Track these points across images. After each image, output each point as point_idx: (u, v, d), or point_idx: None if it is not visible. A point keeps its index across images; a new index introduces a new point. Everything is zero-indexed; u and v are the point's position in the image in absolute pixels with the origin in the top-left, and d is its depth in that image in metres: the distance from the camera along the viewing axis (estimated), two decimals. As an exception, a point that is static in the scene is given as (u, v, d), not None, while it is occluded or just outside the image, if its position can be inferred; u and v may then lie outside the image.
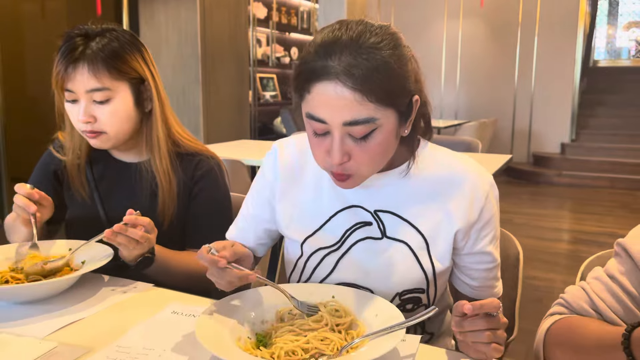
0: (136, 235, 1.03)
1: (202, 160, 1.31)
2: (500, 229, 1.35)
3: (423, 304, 1.01)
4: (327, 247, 1.01)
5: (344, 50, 0.80)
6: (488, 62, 7.72)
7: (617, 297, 0.78)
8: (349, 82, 0.79)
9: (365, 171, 0.89)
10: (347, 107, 0.81)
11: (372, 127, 0.84)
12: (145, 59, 1.26)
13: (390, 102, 0.83)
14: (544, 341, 0.82)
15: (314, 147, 0.89)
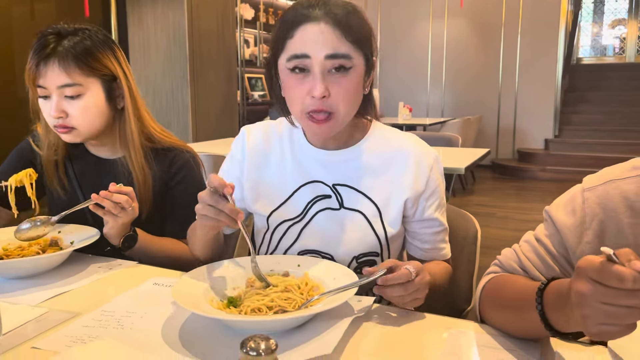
0: (121, 199, 1.12)
1: (177, 155, 1.37)
2: (461, 210, 1.47)
3: None
4: (291, 219, 1.12)
5: (322, 4, 0.98)
6: (473, 60, 7.86)
7: (541, 257, 0.88)
8: (331, 22, 0.96)
9: (342, 109, 1.00)
10: (329, 41, 0.96)
11: (349, 65, 0.97)
12: (118, 58, 1.31)
13: (361, 46, 0.99)
14: (480, 298, 0.93)
15: (294, 91, 1.00)
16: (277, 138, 1.16)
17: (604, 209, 0.83)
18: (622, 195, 0.82)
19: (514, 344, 0.83)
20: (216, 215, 0.90)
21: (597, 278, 0.61)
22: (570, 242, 0.85)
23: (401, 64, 8.19)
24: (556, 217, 0.87)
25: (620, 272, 0.58)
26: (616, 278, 0.59)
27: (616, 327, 0.61)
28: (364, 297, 0.97)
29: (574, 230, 0.85)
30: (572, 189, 0.89)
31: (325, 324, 0.85)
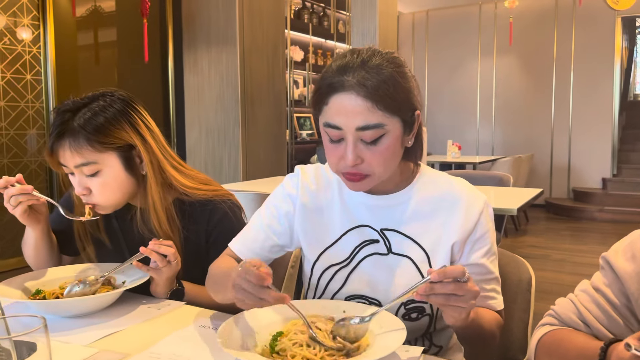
0: (169, 251, 1.15)
1: (214, 208, 1.33)
2: (514, 255, 1.42)
3: (427, 313, 1.09)
4: (338, 263, 1.11)
5: (357, 68, 0.95)
6: (524, 97, 7.73)
7: (602, 307, 0.83)
8: (362, 92, 0.94)
9: (377, 172, 1.00)
10: (360, 114, 0.94)
11: (381, 133, 0.96)
12: (136, 124, 1.27)
13: (396, 111, 0.96)
14: (535, 351, 0.88)
15: (330, 153, 1.01)
16: (327, 181, 1.17)
17: None
18: None
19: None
20: (257, 303, 0.86)
21: None
22: (633, 289, 0.81)
23: (450, 102, 8.15)
24: (616, 264, 0.83)
25: None
26: None
27: None
28: (412, 347, 0.94)
29: (635, 277, 0.81)
30: (632, 234, 0.85)
31: (371, 375, 0.83)
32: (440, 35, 8.18)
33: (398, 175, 1.10)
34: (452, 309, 0.86)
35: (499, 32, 7.63)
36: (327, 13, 6.76)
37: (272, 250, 1.19)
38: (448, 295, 0.84)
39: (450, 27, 8.11)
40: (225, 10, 4.21)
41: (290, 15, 5.95)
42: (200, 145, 4.43)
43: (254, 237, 1.18)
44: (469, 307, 0.87)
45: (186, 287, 1.26)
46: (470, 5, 7.93)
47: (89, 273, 1.31)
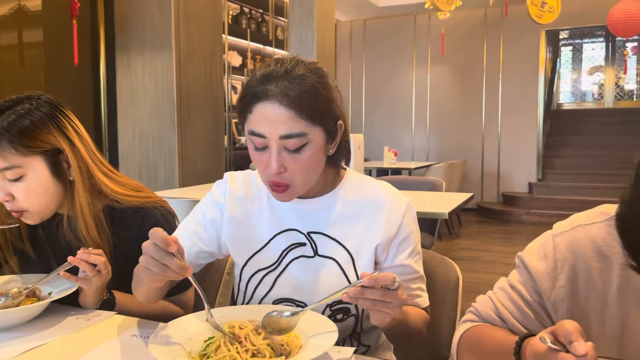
0: (99, 260, 1.12)
1: (146, 215, 1.31)
2: (443, 257, 1.48)
3: (352, 314, 1.13)
4: (265, 267, 1.14)
5: (280, 78, 0.97)
6: (456, 105, 8.04)
7: (516, 304, 0.89)
8: (285, 101, 0.96)
9: (299, 181, 1.03)
10: (283, 123, 0.96)
11: (304, 141, 0.99)
12: (63, 128, 1.23)
13: (318, 120, 0.99)
14: (457, 347, 0.93)
15: (256, 162, 1.03)
16: (255, 187, 1.19)
17: (573, 254, 0.85)
18: (591, 240, 0.84)
19: (492, 395, 0.83)
20: (161, 271, 0.89)
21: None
22: (544, 287, 0.87)
23: (387, 109, 8.34)
24: (529, 263, 0.89)
25: None
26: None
27: None
28: (343, 348, 0.97)
29: (547, 276, 0.86)
30: (543, 235, 0.91)
31: (304, 376, 0.85)
32: (377, 44, 8.37)
33: (324, 179, 1.13)
34: (378, 313, 0.90)
35: (433, 42, 7.90)
36: (265, 19, 6.76)
37: (199, 257, 1.19)
38: (376, 300, 0.88)
39: (386, 36, 8.32)
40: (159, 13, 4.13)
41: (227, 21, 5.91)
42: (134, 151, 4.31)
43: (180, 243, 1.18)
44: (394, 314, 0.91)
45: (117, 296, 1.23)
46: (406, 15, 8.17)
47: (12, 285, 1.25)
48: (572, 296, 0.85)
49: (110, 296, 1.21)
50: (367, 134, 8.16)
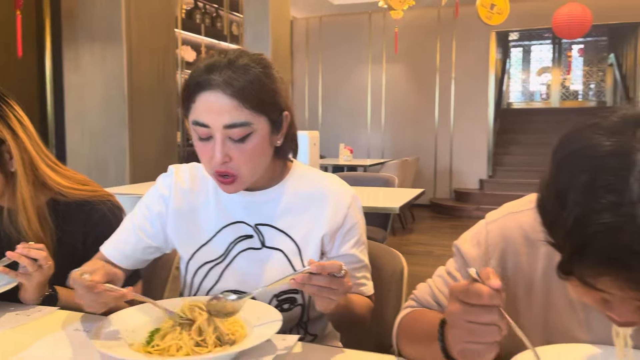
0: (40, 255, 1.09)
1: (92, 209, 1.30)
2: (389, 248, 1.52)
3: (299, 303, 1.15)
4: (212, 260, 1.14)
5: (224, 68, 0.98)
6: (411, 104, 8.18)
7: (452, 290, 0.93)
8: (228, 91, 0.97)
9: (245, 172, 1.03)
10: (227, 112, 0.97)
11: (248, 131, 1.00)
12: (5, 117, 1.21)
13: (262, 110, 1.00)
14: (397, 333, 0.96)
15: (201, 153, 1.04)
16: (203, 180, 1.18)
17: (504, 239, 0.90)
18: (519, 226, 0.89)
19: (428, 375, 0.86)
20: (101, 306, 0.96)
21: (462, 297, 0.67)
22: None
23: (343, 106, 8.41)
24: (464, 250, 0.93)
25: (478, 289, 0.66)
26: (476, 295, 0.65)
27: (479, 346, 0.67)
28: (288, 336, 0.99)
29: (479, 260, 0.91)
30: (478, 224, 0.96)
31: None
32: (333, 42, 8.42)
33: (271, 171, 1.14)
34: (323, 299, 0.93)
35: (388, 41, 8.02)
36: (220, 14, 6.70)
37: (145, 252, 1.18)
38: (322, 287, 0.90)
39: (343, 34, 8.38)
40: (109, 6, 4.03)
41: (181, 15, 5.82)
42: (83, 147, 4.20)
43: (126, 239, 1.18)
44: (338, 300, 0.93)
45: (60, 291, 1.20)
46: (361, 13, 8.25)
47: (-52, 281, 1.21)
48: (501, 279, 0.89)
49: (52, 291, 1.19)
50: (323, 131, 8.21)
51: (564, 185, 0.62)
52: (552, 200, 0.64)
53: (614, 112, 0.65)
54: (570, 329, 0.84)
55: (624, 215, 0.56)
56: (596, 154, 0.61)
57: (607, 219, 0.57)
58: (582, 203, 0.59)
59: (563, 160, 0.65)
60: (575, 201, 0.60)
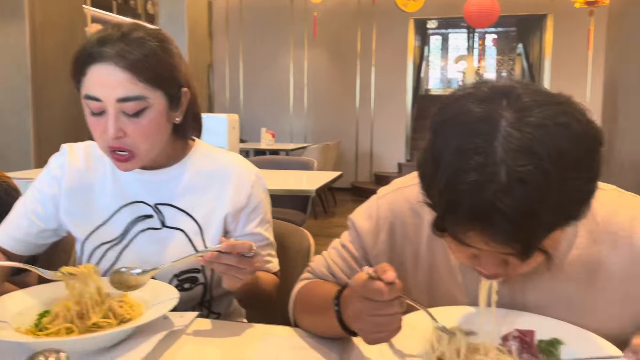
0: None
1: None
2: (296, 227, 1.55)
3: (201, 282, 1.15)
4: (109, 241, 1.11)
5: (117, 40, 0.96)
6: (332, 88, 8.26)
7: (346, 260, 0.97)
8: (121, 63, 0.95)
9: (142, 148, 1.01)
10: (120, 85, 0.95)
11: (143, 105, 0.98)
12: None
13: (158, 85, 0.99)
14: (293, 304, 0.99)
15: (93, 128, 1.01)
16: (99, 159, 1.15)
17: (393, 212, 0.95)
18: (407, 200, 0.94)
19: (320, 343, 0.90)
20: None
21: (364, 294, 0.72)
22: (369, 243, 0.96)
23: (265, 91, 8.36)
24: (357, 223, 0.98)
25: (378, 287, 0.70)
26: (376, 293, 0.70)
27: (385, 333, 0.73)
28: (186, 313, 0.99)
29: (370, 233, 0.96)
30: (370, 199, 1.00)
31: (140, 339, 0.86)
32: (255, 25, 8.31)
33: (171, 149, 1.12)
34: (230, 277, 0.94)
35: (310, 26, 8.03)
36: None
37: (40, 236, 1.14)
38: (230, 266, 0.91)
39: (264, 17, 8.29)
40: (9, -22, 3.76)
41: (91, -9, 5.53)
42: (-18, 130, 3.91)
43: (17, 224, 1.13)
44: (246, 279, 0.95)
45: None
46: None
47: None
48: (391, 249, 0.94)
49: None
50: (245, 115, 8.13)
51: (439, 149, 0.68)
52: (429, 164, 0.70)
53: (486, 84, 0.72)
54: (451, 292, 0.91)
55: (489, 175, 0.63)
56: (467, 120, 0.67)
57: (474, 177, 0.63)
58: (454, 164, 0.65)
59: (439, 126, 0.71)
60: (448, 162, 0.66)
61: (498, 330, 0.84)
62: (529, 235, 0.64)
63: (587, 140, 0.66)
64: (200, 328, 0.97)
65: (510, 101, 0.66)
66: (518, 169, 0.62)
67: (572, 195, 0.65)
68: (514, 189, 0.62)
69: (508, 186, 0.62)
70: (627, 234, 0.82)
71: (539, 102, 0.66)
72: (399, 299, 0.71)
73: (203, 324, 0.99)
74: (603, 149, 0.68)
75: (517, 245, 0.65)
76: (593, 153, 0.66)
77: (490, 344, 0.81)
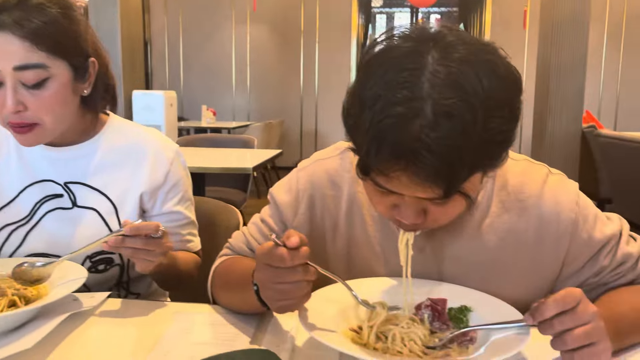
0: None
1: None
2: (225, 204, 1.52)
3: (117, 263, 1.11)
4: (14, 222, 1.05)
5: (13, 8, 0.91)
6: (276, 66, 8.16)
7: (265, 236, 0.96)
8: (19, 32, 0.89)
9: (47, 122, 0.96)
10: (17, 54, 0.90)
11: (44, 75, 0.92)
12: None
13: (61, 54, 0.94)
14: (211, 281, 0.97)
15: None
16: (3, 136, 1.08)
17: (312, 185, 0.94)
18: (326, 171, 0.94)
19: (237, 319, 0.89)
20: None
21: (268, 262, 0.70)
22: (288, 216, 0.95)
23: (206, 67, 8.14)
24: (277, 197, 0.96)
25: (281, 253, 0.69)
26: (279, 259, 0.69)
27: (290, 301, 0.72)
28: (97, 293, 0.95)
29: (290, 206, 0.95)
30: (293, 171, 0.99)
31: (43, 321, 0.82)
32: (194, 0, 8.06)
33: (81, 124, 1.07)
34: (140, 261, 0.90)
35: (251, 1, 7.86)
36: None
37: None
38: (138, 249, 0.87)
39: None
40: None
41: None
42: None
43: None
44: (157, 261, 0.92)
45: None
46: (223, -29, 7.98)
47: None
48: (310, 222, 0.94)
49: None
50: (185, 93, 7.93)
51: (365, 87, 0.68)
52: (356, 105, 0.69)
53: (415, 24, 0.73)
54: (370, 263, 0.91)
55: (415, 109, 0.63)
56: (394, 56, 0.68)
57: (400, 111, 0.64)
58: (380, 99, 0.65)
59: (367, 64, 0.70)
60: (374, 98, 0.66)
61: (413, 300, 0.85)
62: (452, 173, 0.65)
63: (510, 82, 0.68)
64: (111, 308, 0.93)
65: (437, 41, 0.67)
66: (444, 103, 0.63)
67: (495, 136, 0.66)
68: (440, 123, 0.63)
69: (434, 120, 0.63)
70: (535, 202, 0.85)
71: (464, 41, 0.68)
72: (304, 267, 0.70)
73: (114, 304, 0.95)
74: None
75: (440, 183, 0.66)
76: (514, 95, 0.69)
77: (403, 314, 0.82)
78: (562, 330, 0.65)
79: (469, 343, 0.75)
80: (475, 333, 0.76)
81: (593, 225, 0.84)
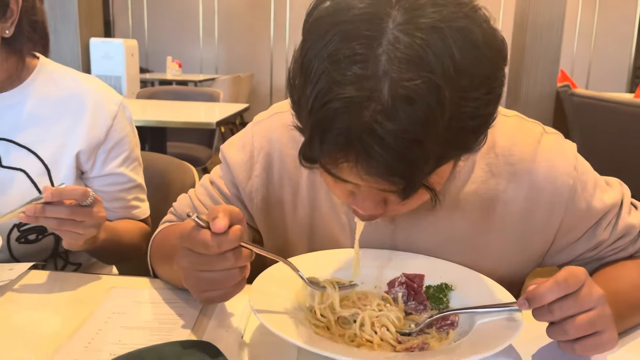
0: None
1: None
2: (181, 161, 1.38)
3: (50, 232, 0.96)
4: None
5: None
6: (245, 17, 7.82)
7: (214, 199, 0.83)
8: None
9: None
10: None
11: None
12: None
13: None
14: (150, 252, 0.84)
15: None
16: None
17: (269, 141, 0.81)
18: (286, 127, 0.79)
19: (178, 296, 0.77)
20: None
21: (190, 246, 0.57)
22: (240, 178, 0.82)
23: (171, 17, 7.74)
24: (228, 155, 0.83)
25: (204, 238, 0.55)
26: (202, 245, 0.56)
27: (220, 292, 0.59)
28: (18, 265, 0.82)
29: (243, 166, 0.82)
30: (246, 127, 0.85)
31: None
32: (159, -57, 7.59)
33: (4, 70, 0.90)
34: (67, 234, 0.76)
35: (220, -53, 7.45)
36: None
37: None
38: (63, 219, 0.73)
39: None
40: None
41: None
42: None
43: None
44: (88, 234, 0.78)
45: None
46: None
47: None
48: (267, 184, 0.81)
49: None
50: (150, 43, 7.55)
51: (309, 55, 0.53)
52: (298, 75, 0.55)
53: None
54: (334, 234, 0.80)
55: (368, 90, 0.49)
56: (345, 19, 0.52)
57: (350, 93, 0.49)
58: (326, 74, 0.51)
59: (312, 26, 0.55)
60: (318, 73, 0.51)
61: (384, 276, 0.74)
62: (412, 169, 0.51)
63: (489, 53, 0.53)
64: (35, 282, 0.80)
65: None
66: (404, 84, 0.48)
67: (467, 122, 0.52)
68: (397, 109, 0.49)
69: (391, 106, 0.49)
70: (527, 166, 0.73)
71: (434, 1, 0.51)
72: (235, 251, 0.57)
73: (39, 276, 0.82)
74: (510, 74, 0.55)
75: (398, 181, 0.52)
76: (495, 69, 0.53)
77: (372, 292, 0.71)
78: (562, 317, 0.55)
79: (450, 328, 0.65)
80: (457, 316, 0.65)
81: (592, 193, 0.74)
